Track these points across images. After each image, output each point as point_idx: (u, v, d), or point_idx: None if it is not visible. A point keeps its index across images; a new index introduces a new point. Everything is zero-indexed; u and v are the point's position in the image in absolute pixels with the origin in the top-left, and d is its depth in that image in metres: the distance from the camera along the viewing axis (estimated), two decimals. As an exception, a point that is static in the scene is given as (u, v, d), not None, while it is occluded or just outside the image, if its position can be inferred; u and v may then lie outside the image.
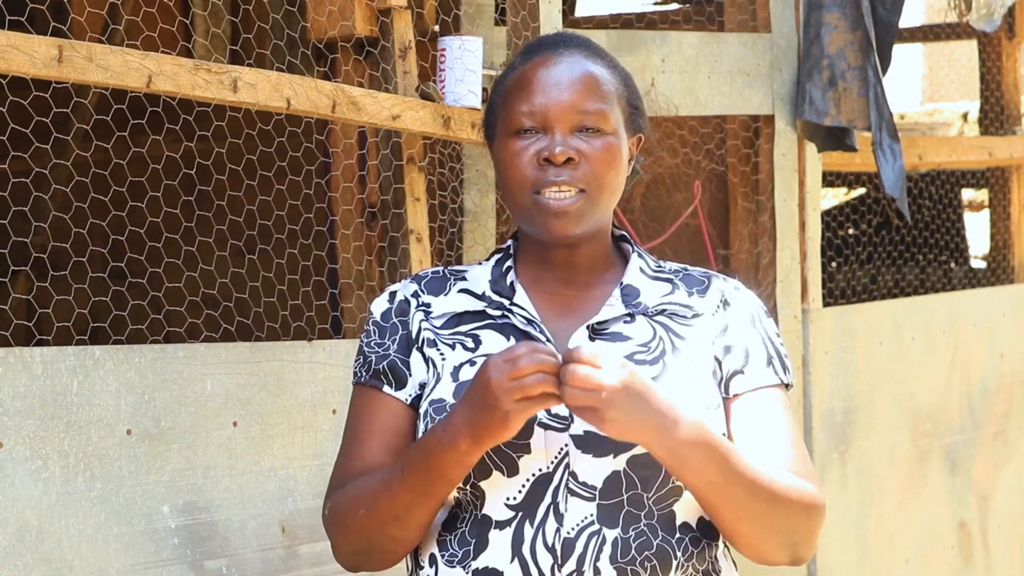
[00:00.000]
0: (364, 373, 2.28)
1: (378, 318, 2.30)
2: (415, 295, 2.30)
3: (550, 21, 3.92)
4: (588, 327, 2.23)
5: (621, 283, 2.27)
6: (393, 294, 2.32)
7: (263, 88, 3.11)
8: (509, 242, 2.34)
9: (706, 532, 2.21)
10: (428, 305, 2.29)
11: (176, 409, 3.00)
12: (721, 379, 2.25)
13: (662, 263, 2.34)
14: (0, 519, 2.71)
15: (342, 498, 2.23)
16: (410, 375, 2.26)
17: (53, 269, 3.92)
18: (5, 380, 2.72)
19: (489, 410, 2.04)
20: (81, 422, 2.83)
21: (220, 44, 5.91)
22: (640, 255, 2.32)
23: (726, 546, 2.27)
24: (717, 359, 2.25)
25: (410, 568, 2.27)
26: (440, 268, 2.35)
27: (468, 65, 3.60)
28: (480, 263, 2.35)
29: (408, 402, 2.25)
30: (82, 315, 3.64)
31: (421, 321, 2.27)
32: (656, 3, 7.04)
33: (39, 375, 2.78)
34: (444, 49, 3.63)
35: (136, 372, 2.93)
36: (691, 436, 2.08)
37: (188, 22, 5.99)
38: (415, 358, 2.26)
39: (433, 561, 2.21)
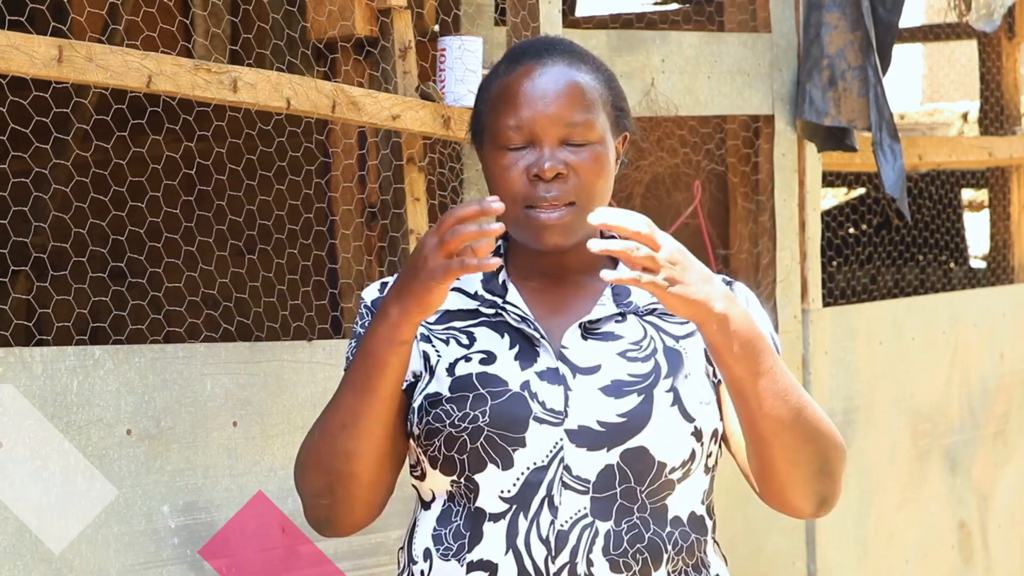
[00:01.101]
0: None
1: (369, 304, 2.33)
2: None
3: (550, 21, 3.92)
4: (581, 325, 2.25)
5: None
6: (384, 284, 2.34)
7: (263, 88, 3.11)
8: (499, 242, 2.35)
9: (697, 527, 2.24)
10: None
11: (176, 409, 3.00)
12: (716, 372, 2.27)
13: None
14: (0, 519, 2.71)
15: (304, 439, 2.26)
16: None
17: (53, 269, 3.92)
18: (5, 380, 2.72)
19: (416, 272, 2.06)
20: (81, 422, 2.83)
21: (220, 44, 5.91)
22: None
23: (716, 542, 2.29)
24: None
25: (403, 564, 2.28)
26: None
27: (468, 65, 3.60)
28: None
29: (403, 388, 2.25)
30: (82, 315, 3.64)
31: None
32: (656, 3, 7.04)
33: (39, 375, 2.78)
34: (444, 49, 3.63)
35: (136, 372, 2.93)
36: (750, 326, 2.09)
37: (188, 22, 5.99)
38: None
39: (428, 555, 2.22)
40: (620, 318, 2.27)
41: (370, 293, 2.34)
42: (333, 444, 2.19)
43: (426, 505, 2.27)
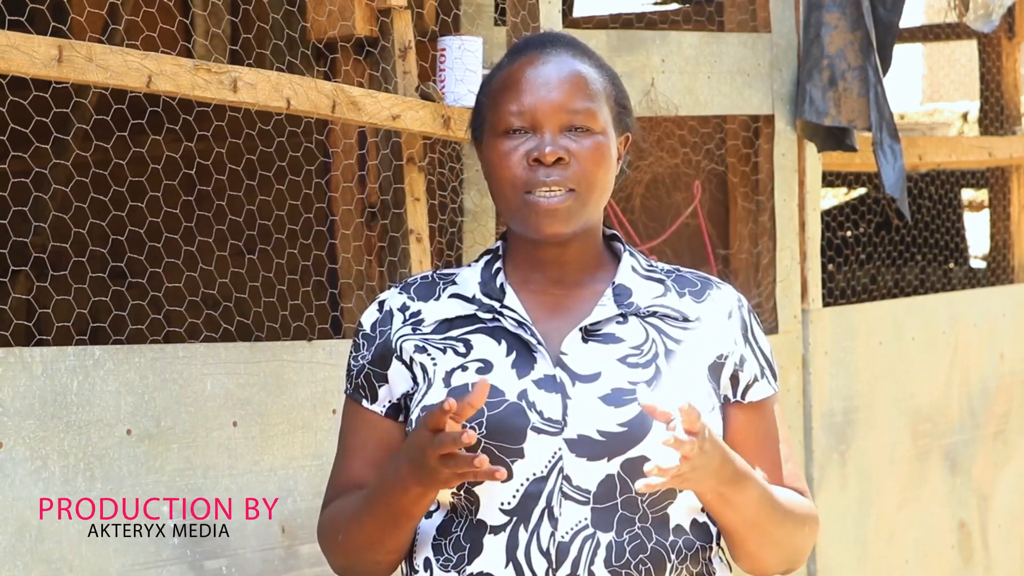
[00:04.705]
0: (348, 385, 2.31)
1: (367, 329, 2.30)
2: (403, 307, 2.29)
3: (550, 21, 3.92)
4: (581, 329, 2.22)
5: (613, 282, 2.27)
6: (382, 304, 2.32)
7: (263, 88, 3.11)
8: (498, 243, 2.33)
9: (700, 535, 2.22)
10: (418, 312, 2.28)
11: (176, 409, 3.00)
12: (739, 387, 2.26)
13: (654, 263, 2.33)
14: (0, 519, 2.71)
15: (324, 520, 2.29)
16: (383, 385, 2.26)
17: (53, 269, 3.92)
18: (5, 380, 2.72)
19: (431, 473, 2.08)
20: (81, 422, 2.83)
21: (220, 44, 5.91)
22: (632, 254, 2.31)
23: (721, 548, 2.28)
24: (736, 367, 2.25)
25: (405, 573, 2.27)
26: (428, 273, 2.34)
27: (468, 65, 3.60)
28: (469, 265, 2.34)
29: (383, 413, 2.27)
30: (82, 315, 3.63)
31: (406, 331, 2.27)
32: (656, 3, 7.04)
33: (39, 375, 2.78)
34: (444, 49, 3.63)
35: (136, 372, 2.93)
36: (742, 476, 2.14)
37: (188, 22, 5.99)
38: (395, 368, 2.26)
39: (428, 566, 2.21)
40: (621, 319, 2.24)
41: (368, 317, 2.31)
42: (360, 554, 2.24)
43: (428, 515, 2.25)
